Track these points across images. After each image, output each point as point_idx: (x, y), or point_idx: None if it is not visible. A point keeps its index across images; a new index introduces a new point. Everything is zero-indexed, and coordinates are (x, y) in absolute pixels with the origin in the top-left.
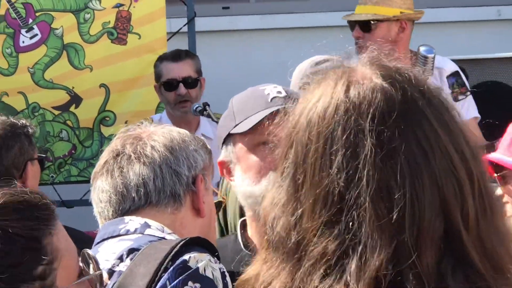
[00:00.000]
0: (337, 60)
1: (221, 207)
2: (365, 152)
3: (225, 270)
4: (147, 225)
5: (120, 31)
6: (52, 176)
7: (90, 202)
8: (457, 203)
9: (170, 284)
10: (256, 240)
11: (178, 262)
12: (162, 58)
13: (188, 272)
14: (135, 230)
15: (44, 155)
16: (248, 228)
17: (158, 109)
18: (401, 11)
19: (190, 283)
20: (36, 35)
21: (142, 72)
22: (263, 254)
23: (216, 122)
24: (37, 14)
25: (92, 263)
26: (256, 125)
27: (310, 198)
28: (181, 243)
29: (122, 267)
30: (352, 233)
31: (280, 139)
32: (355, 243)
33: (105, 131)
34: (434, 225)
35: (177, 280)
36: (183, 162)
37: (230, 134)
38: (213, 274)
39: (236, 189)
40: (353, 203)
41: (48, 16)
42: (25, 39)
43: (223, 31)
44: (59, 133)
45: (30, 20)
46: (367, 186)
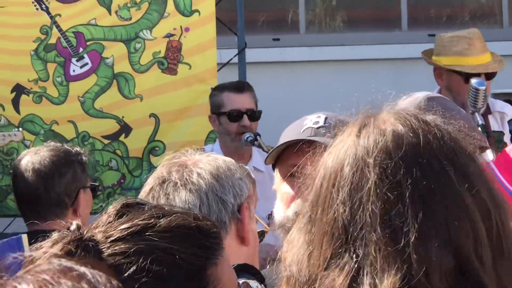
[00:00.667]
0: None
1: (264, 237)
2: (369, 185)
3: None
4: None
5: (170, 61)
6: (101, 206)
7: None
8: (470, 242)
9: None
10: None
11: None
12: (222, 88)
13: None
14: None
15: (97, 184)
16: None
17: (208, 140)
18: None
19: None
20: (87, 64)
21: (192, 102)
22: None
23: (267, 152)
24: (88, 43)
25: None
26: (285, 155)
27: (319, 233)
28: None
29: None
30: (358, 265)
31: (307, 177)
32: (362, 275)
33: (154, 161)
34: (443, 259)
35: None
36: (229, 190)
37: None
38: None
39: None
40: (357, 236)
41: (99, 45)
42: (75, 68)
43: (272, 63)
44: (108, 162)
45: (81, 49)
46: (370, 218)
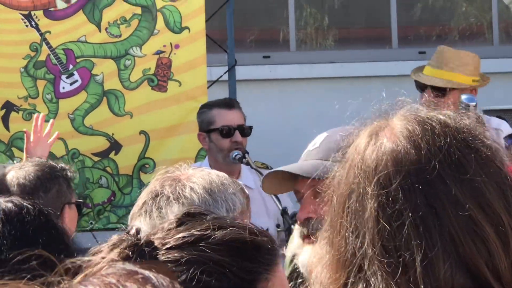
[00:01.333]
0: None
1: None
2: (369, 215)
3: None
4: None
5: (160, 78)
6: (91, 223)
7: None
8: (482, 258)
9: None
10: None
11: None
12: (211, 105)
13: None
14: None
15: (82, 201)
16: None
17: (198, 157)
18: (473, 79)
19: None
20: (77, 81)
21: (182, 119)
22: None
23: (255, 169)
24: (78, 60)
25: None
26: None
27: (335, 258)
28: None
29: None
30: None
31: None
32: None
33: (144, 178)
34: (454, 281)
35: None
36: (222, 205)
37: None
38: None
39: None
40: (366, 265)
41: (89, 62)
42: (65, 85)
43: (263, 80)
44: (98, 179)
45: (71, 66)
46: (374, 248)
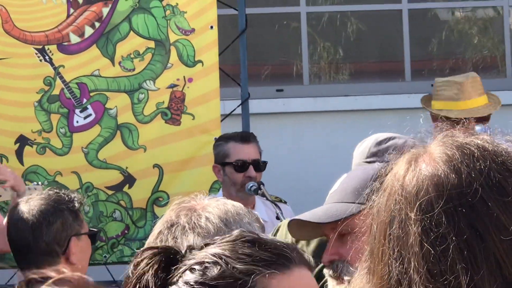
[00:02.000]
0: (416, 140)
1: None
2: (410, 241)
3: None
4: None
5: (174, 111)
6: (105, 256)
7: None
8: None
9: None
10: None
11: None
12: (228, 138)
13: None
14: None
15: (96, 230)
16: None
17: (212, 190)
18: (487, 93)
19: None
20: (90, 115)
21: (196, 153)
22: None
23: (270, 201)
24: (92, 94)
25: None
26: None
27: (377, 286)
28: None
29: None
30: None
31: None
32: None
33: (158, 211)
34: None
35: None
36: None
37: None
38: None
39: None
40: None
41: (102, 96)
42: (79, 119)
43: (276, 113)
44: (112, 213)
45: (85, 100)
46: (417, 274)
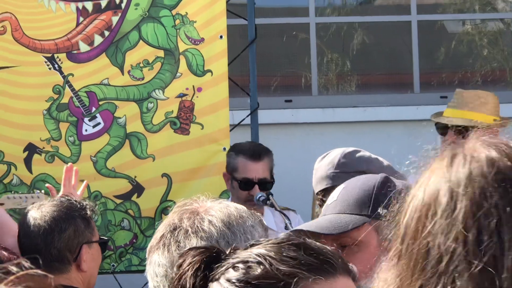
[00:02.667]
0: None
1: None
2: (463, 213)
3: None
4: None
5: (183, 120)
6: (113, 265)
7: None
8: None
9: None
10: None
11: None
12: (239, 151)
13: None
14: None
15: (106, 238)
16: None
17: None
18: (494, 119)
19: None
20: (99, 123)
21: (205, 162)
22: None
23: (279, 211)
24: (101, 102)
25: None
26: None
27: (409, 265)
28: None
29: None
30: None
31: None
32: None
33: None
34: None
35: None
36: (240, 238)
37: None
38: None
39: None
40: (451, 267)
41: (111, 105)
42: (88, 128)
43: (285, 124)
44: (120, 222)
45: (93, 109)
46: (464, 247)
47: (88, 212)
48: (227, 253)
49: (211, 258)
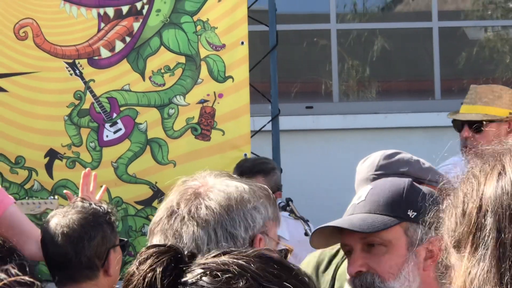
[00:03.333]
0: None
1: (287, 256)
2: None
3: None
4: None
5: (204, 127)
6: None
7: None
8: None
9: None
10: None
11: None
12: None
13: None
14: None
15: (125, 239)
16: None
17: None
18: (510, 112)
19: None
20: (120, 129)
21: (225, 168)
22: None
23: (299, 218)
24: (122, 108)
25: None
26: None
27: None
28: None
29: None
30: None
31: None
32: None
33: None
34: None
35: None
36: (240, 224)
37: None
38: None
39: None
40: None
41: (133, 111)
42: (109, 133)
43: (305, 130)
44: (141, 228)
45: (115, 115)
46: None
47: (112, 216)
48: (192, 256)
49: (176, 258)
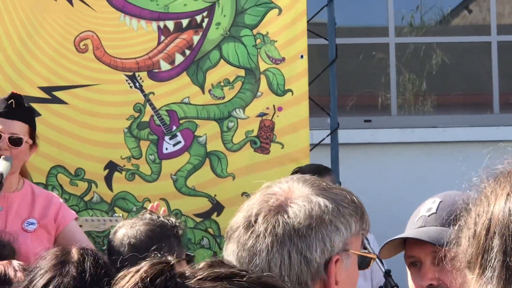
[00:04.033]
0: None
1: (369, 264)
2: None
3: None
4: None
5: (263, 140)
6: None
7: None
8: None
9: None
10: None
11: None
12: (302, 172)
13: None
14: None
15: (192, 254)
16: None
17: None
18: None
19: None
20: (180, 142)
21: None
22: None
23: None
24: (181, 121)
25: None
26: (406, 244)
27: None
28: None
29: None
30: None
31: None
32: None
33: None
34: None
35: None
36: (316, 248)
37: None
38: None
39: None
40: None
41: (192, 124)
42: (168, 146)
43: (364, 144)
44: (200, 240)
45: (174, 127)
46: None
47: (179, 230)
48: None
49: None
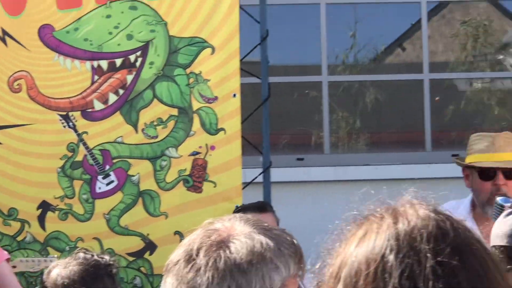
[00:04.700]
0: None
1: None
2: (426, 272)
3: None
4: None
5: (196, 179)
6: None
7: None
8: None
9: None
10: None
11: None
12: (245, 209)
13: None
14: None
15: None
16: None
17: None
18: None
19: None
20: (113, 181)
21: None
22: None
23: None
24: (114, 160)
25: None
26: None
27: None
28: None
29: None
30: None
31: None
32: None
33: None
34: None
35: None
36: (256, 284)
37: None
38: None
39: None
40: None
41: (125, 163)
42: (101, 186)
43: (297, 182)
44: (133, 279)
45: (107, 167)
46: None
47: (113, 269)
48: None
49: None
